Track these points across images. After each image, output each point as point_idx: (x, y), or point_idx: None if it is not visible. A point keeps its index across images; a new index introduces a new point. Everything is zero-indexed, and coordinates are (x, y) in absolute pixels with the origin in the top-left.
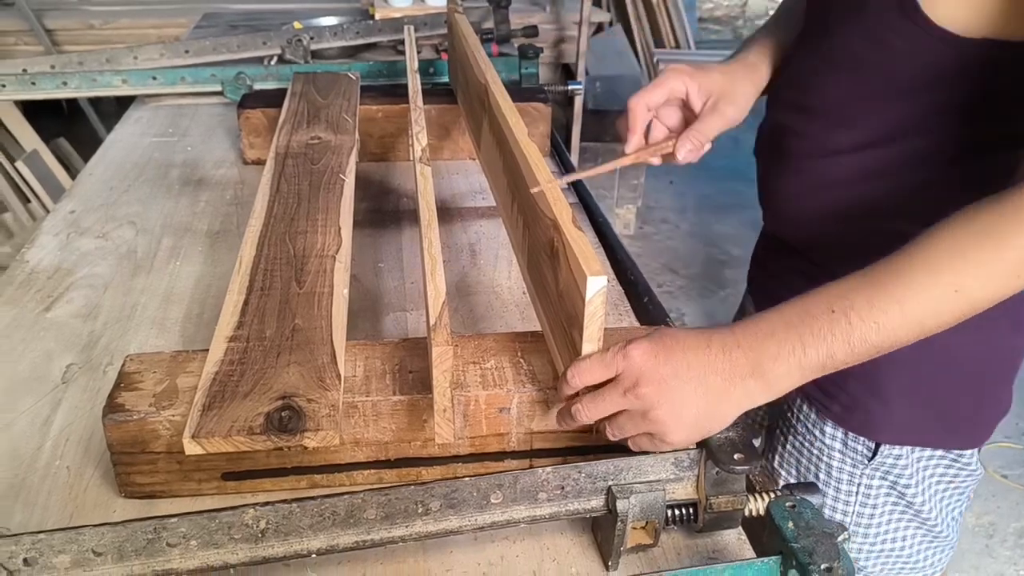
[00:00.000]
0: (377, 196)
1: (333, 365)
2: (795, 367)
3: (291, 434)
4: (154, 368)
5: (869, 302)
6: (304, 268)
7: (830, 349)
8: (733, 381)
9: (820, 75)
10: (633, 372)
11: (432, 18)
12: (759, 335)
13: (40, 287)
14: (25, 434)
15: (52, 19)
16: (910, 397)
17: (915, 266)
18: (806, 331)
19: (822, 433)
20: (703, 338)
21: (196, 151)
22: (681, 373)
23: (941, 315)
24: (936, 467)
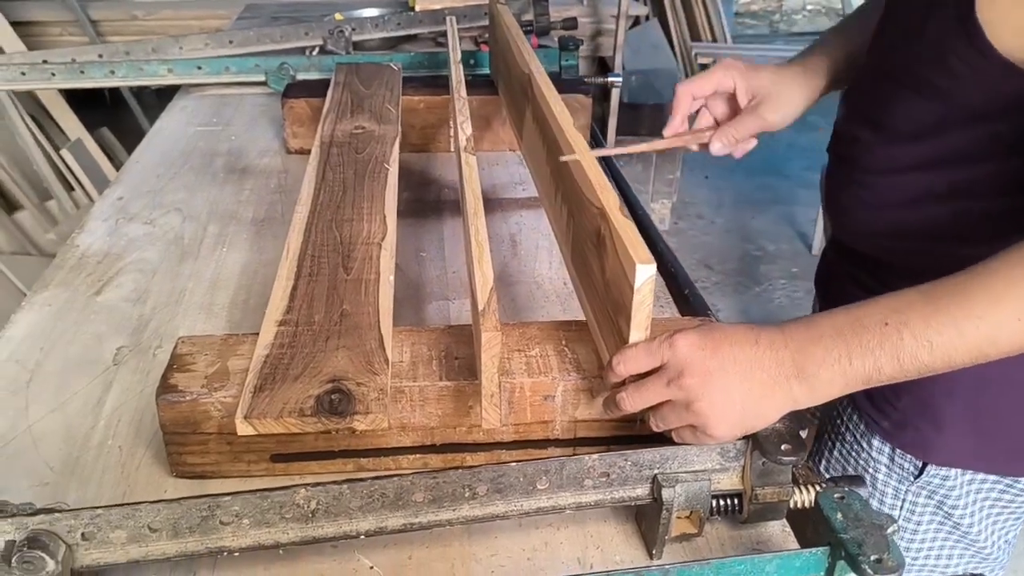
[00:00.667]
0: (418, 186)
1: (381, 350)
2: (839, 375)
3: (341, 416)
4: (205, 350)
5: (925, 320)
6: (351, 255)
7: (877, 363)
8: (778, 381)
9: (885, 89)
10: (679, 363)
11: (472, 10)
12: (808, 338)
13: (91, 271)
14: (79, 414)
15: (96, 10)
16: (964, 424)
17: (977, 290)
18: (855, 341)
19: (869, 445)
20: (752, 334)
21: (240, 140)
22: (727, 367)
23: (999, 343)
24: (990, 491)
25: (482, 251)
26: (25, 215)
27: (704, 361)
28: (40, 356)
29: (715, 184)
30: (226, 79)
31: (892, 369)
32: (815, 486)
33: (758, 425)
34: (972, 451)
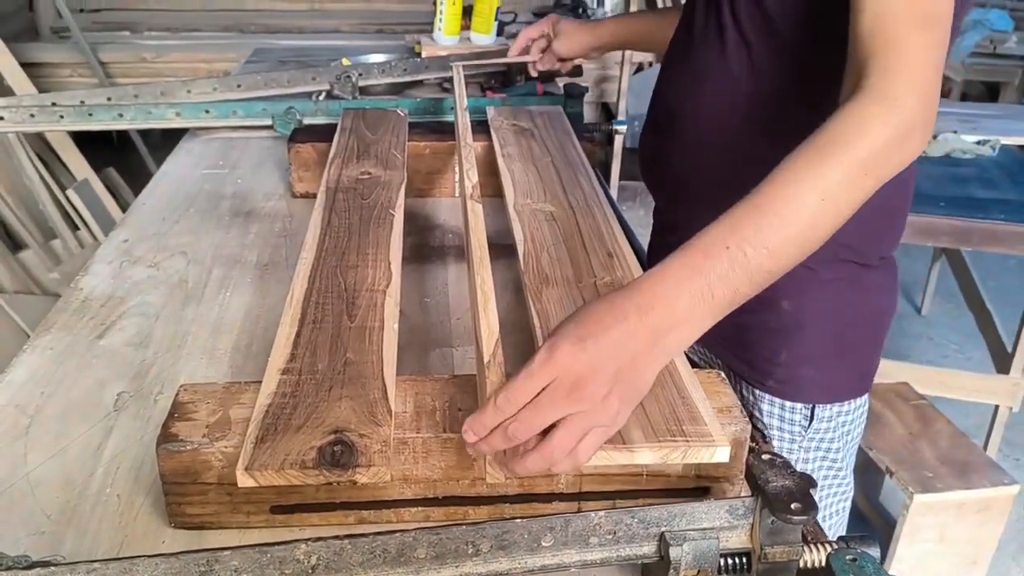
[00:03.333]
0: (422, 231)
1: (384, 400)
2: (707, 312)
3: (343, 469)
4: (207, 398)
5: (757, 229)
6: (355, 302)
7: (734, 285)
8: (656, 342)
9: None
10: (570, 373)
11: (478, 56)
12: (667, 290)
13: (93, 314)
14: (78, 460)
15: (106, 52)
16: (833, 358)
17: (782, 186)
18: (711, 273)
19: (760, 412)
20: (617, 309)
21: (246, 183)
22: (615, 355)
23: (817, 226)
24: (847, 415)
25: (487, 301)
26: (29, 254)
27: (592, 359)
28: (41, 401)
29: None
30: (233, 123)
31: (746, 287)
32: (826, 546)
33: (645, 392)
34: (845, 381)
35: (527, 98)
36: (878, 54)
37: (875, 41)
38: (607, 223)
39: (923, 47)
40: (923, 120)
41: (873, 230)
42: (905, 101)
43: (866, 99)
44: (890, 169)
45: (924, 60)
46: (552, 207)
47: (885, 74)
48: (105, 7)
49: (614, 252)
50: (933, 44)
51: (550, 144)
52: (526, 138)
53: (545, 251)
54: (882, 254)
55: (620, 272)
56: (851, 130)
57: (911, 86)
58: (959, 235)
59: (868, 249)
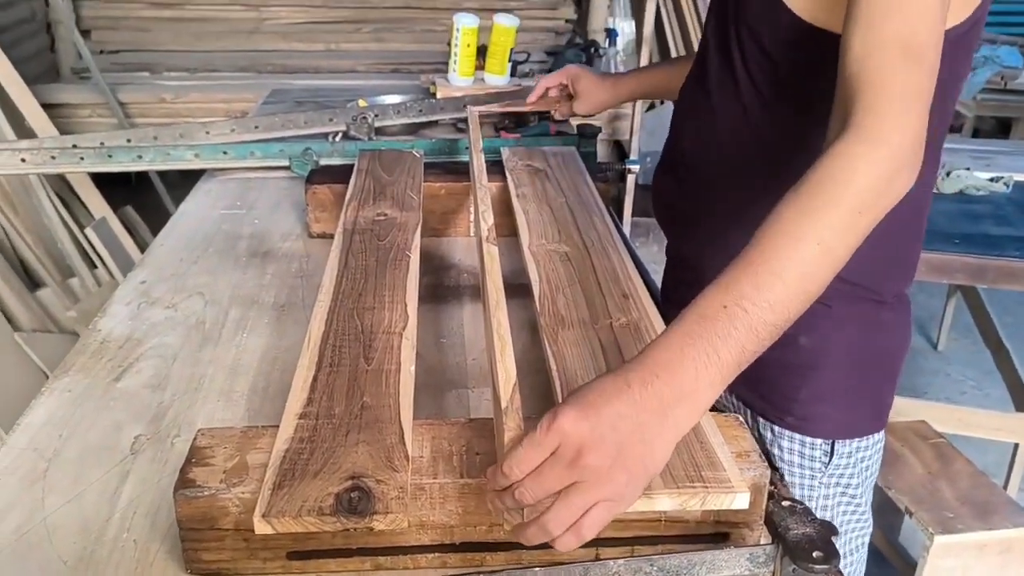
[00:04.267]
0: (438, 271)
1: (401, 445)
2: (716, 375)
3: (360, 516)
4: (225, 443)
5: (755, 286)
6: (372, 344)
7: (739, 344)
8: (664, 414)
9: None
10: (572, 443)
11: (491, 97)
12: (669, 358)
13: (111, 356)
14: (95, 505)
15: (126, 93)
16: (852, 394)
17: (776, 237)
18: (712, 335)
19: (780, 448)
20: (620, 380)
21: (263, 224)
22: (618, 425)
23: (816, 276)
24: (866, 450)
25: (504, 346)
26: (47, 292)
27: (595, 430)
28: (59, 444)
29: None
30: (251, 163)
31: (752, 343)
32: None
33: (658, 469)
34: (863, 417)
35: (540, 138)
36: (863, 92)
37: (860, 79)
38: (622, 263)
39: (908, 82)
40: (911, 157)
41: (887, 268)
42: (891, 139)
43: (852, 139)
44: (881, 209)
45: (910, 95)
46: (567, 248)
47: (870, 112)
48: (124, 48)
49: (629, 293)
50: (919, 78)
51: (564, 184)
52: (540, 179)
53: (561, 292)
54: (896, 291)
55: (635, 313)
56: (839, 173)
57: (897, 124)
58: (974, 272)
59: (883, 287)
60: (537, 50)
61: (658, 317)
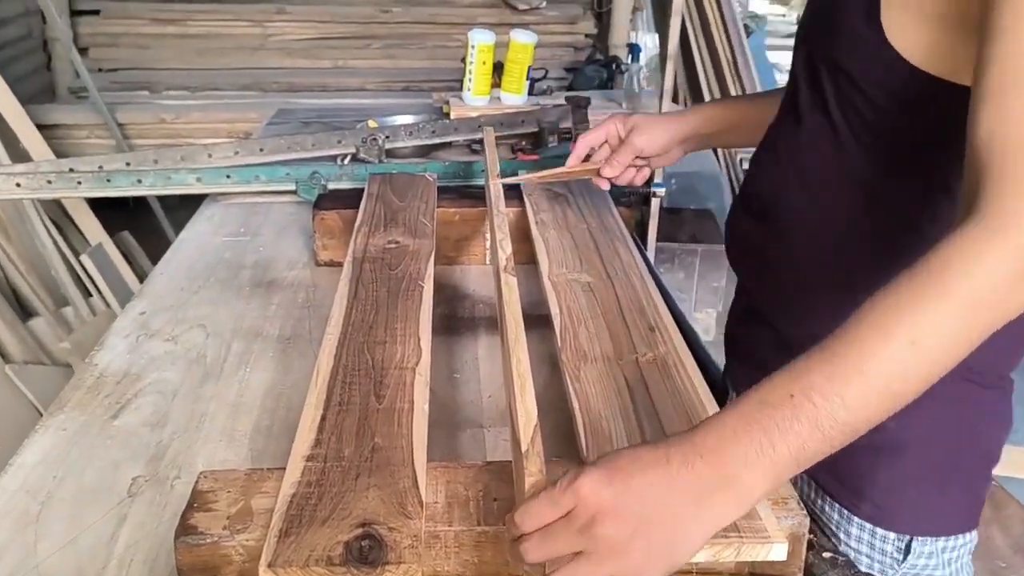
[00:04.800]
0: (451, 301)
1: (415, 490)
2: (768, 468)
3: (372, 566)
4: (228, 487)
5: (828, 377)
6: (383, 381)
7: (800, 439)
8: (701, 499)
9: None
10: (588, 508)
11: (509, 118)
12: (722, 439)
13: (108, 392)
14: (90, 551)
15: (124, 113)
16: (937, 484)
17: (866, 329)
18: (770, 424)
19: (847, 535)
20: (660, 453)
21: (268, 251)
22: (644, 500)
23: (907, 376)
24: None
25: (524, 384)
26: (39, 322)
27: (616, 499)
28: (52, 486)
29: None
30: (255, 187)
31: (817, 441)
32: None
33: (687, 557)
34: (949, 512)
35: (560, 160)
36: (993, 175)
37: (991, 160)
38: (647, 294)
39: None
40: None
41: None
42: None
43: (976, 227)
44: (1006, 312)
45: None
46: (589, 277)
47: (998, 199)
48: (123, 66)
49: (656, 325)
50: None
51: (586, 210)
52: (560, 203)
53: (583, 325)
54: (1001, 373)
55: (663, 348)
56: (956, 265)
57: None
58: None
59: (987, 368)
60: (556, 66)
61: (687, 351)
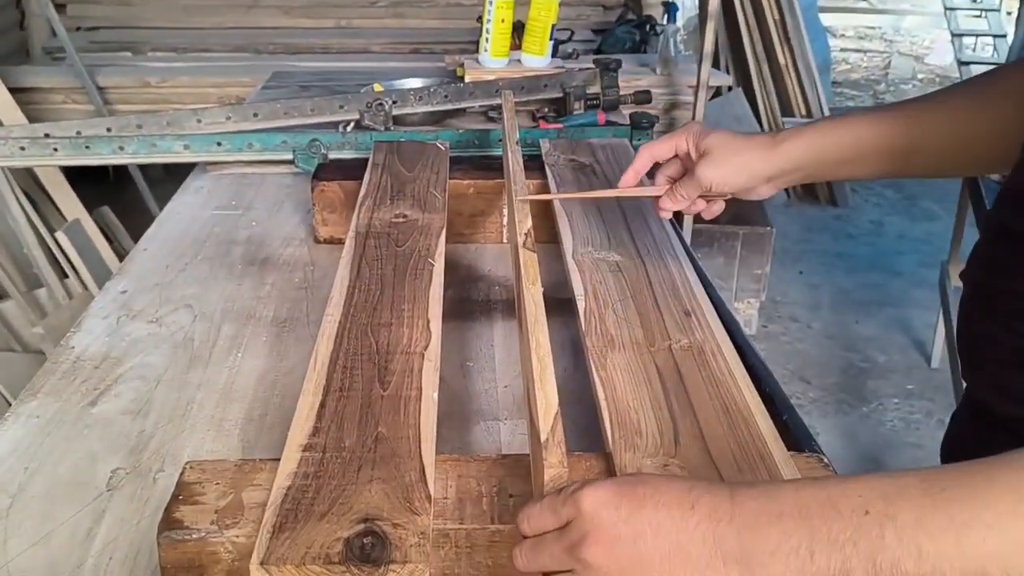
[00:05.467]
0: (464, 283)
1: (422, 484)
2: (794, 572)
3: (375, 565)
4: (217, 478)
5: (917, 518)
6: (388, 367)
7: (847, 563)
8: (712, 564)
9: None
10: (583, 524)
11: (529, 81)
12: (763, 513)
13: (86, 378)
14: (64, 549)
15: (105, 76)
16: None
17: (999, 489)
18: (822, 529)
19: None
20: (688, 495)
21: (262, 226)
22: (646, 536)
23: (1012, 568)
24: None
25: (544, 370)
26: (10, 305)
27: (616, 526)
28: (24, 478)
29: (811, 280)
30: (248, 157)
31: (863, 574)
32: None
33: None
34: None
35: (587, 129)
36: None
37: None
38: (683, 275)
39: None
40: None
41: None
42: None
43: None
44: None
45: None
46: (617, 256)
47: None
48: (104, 25)
49: (692, 309)
50: None
51: (614, 181)
52: (586, 175)
53: (610, 308)
54: None
55: (699, 334)
56: None
57: None
58: None
59: None
60: (583, 27)
61: (726, 338)
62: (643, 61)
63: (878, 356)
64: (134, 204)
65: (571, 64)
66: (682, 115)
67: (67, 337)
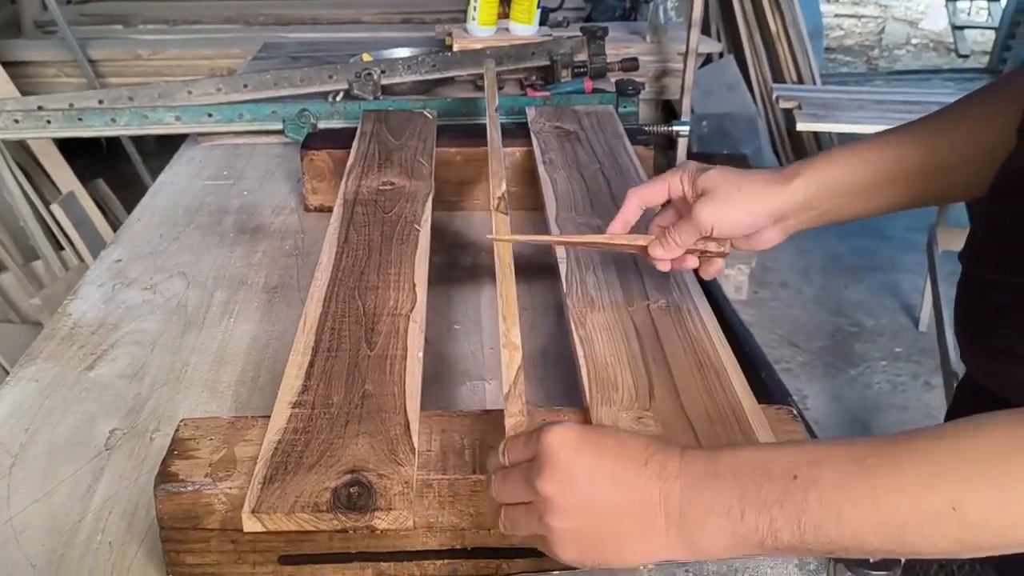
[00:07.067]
0: (453, 249)
1: (407, 437)
2: (726, 530)
3: (360, 513)
4: (210, 434)
5: (839, 482)
6: (375, 328)
7: (774, 524)
8: (655, 518)
9: None
10: (542, 459)
11: (516, 50)
12: (705, 474)
13: (83, 343)
14: (65, 505)
15: (97, 49)
16: None
17: (916, 459)
18: (752, 491)
19: None
20: (644, 451)
21: (253, 196)
22: (598, 481)
23: (928, 534)
24: None
25: (511, 324)
26: (7, 277)
27: (573, 467)
28: (25, 439)
29: (801, 246)
30: (239, 127)
31: (790, 536)
32: None
33: (615, 563)
34: None
35: (573, 97)
36: None
37: None
38: None
39: None
40: None
41: None
42: None
43: None
44: None
45: None
46: (599, 221)
47: None
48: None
49: None
50: None
51: (598, 149)
52: (571, 142)
53: (591, 271)
54: None
55: (676, 293)
56: None
57: None
58: None
59: None
60: None
61: (702, 297)
62: (633, 29)
63: (866, 320)
64: (127, 176)
65: (559, 32)
66: (671, 82)
67: (64, 304)
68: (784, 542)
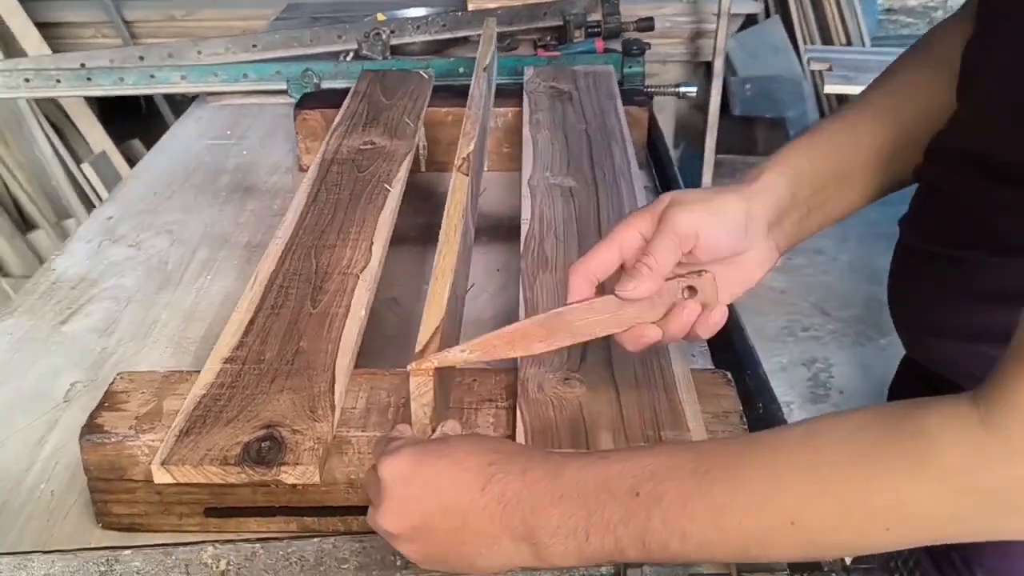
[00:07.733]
0: (436, 210)
1: (329, 394)
2: (573, 552)
3: (267, 466)
4: (143, 388)
5: (682, 499)
6: (323, 286)
7: (619, 544)
8: (500, 541)
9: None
10: (379, 493)
11: (529, 9)
12: (548, 495)
13: (61, 298)
14: (16, 453)
15: (131, 10)
16: None
17: (755, 472)
18: (596, 513)
19: None
20: (481, 477)
21: (252, 155)
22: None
23: (768, 545)
24: None
25: (437, 284)
26: (40, 235)
27: (403, 500)
28: None
29: None
30: (244, 87)
31: (636, 553)
32: None
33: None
34: None
35: (580, 57)
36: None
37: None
38: (633, 200)
39: None
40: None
41: None
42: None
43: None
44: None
45: None
46: (573, 181)
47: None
48: None
49: None
50: None
51: (589, 109)
52: (562, 102)
53: (552, 232)
54: None
55: None
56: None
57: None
58: None
59: None
60: None
61: None
62: None
63: None
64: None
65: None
66: (706, 44)
67: (50, 260)
68: (632, 558)
